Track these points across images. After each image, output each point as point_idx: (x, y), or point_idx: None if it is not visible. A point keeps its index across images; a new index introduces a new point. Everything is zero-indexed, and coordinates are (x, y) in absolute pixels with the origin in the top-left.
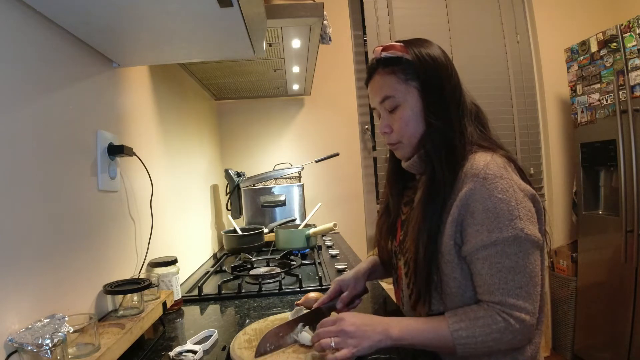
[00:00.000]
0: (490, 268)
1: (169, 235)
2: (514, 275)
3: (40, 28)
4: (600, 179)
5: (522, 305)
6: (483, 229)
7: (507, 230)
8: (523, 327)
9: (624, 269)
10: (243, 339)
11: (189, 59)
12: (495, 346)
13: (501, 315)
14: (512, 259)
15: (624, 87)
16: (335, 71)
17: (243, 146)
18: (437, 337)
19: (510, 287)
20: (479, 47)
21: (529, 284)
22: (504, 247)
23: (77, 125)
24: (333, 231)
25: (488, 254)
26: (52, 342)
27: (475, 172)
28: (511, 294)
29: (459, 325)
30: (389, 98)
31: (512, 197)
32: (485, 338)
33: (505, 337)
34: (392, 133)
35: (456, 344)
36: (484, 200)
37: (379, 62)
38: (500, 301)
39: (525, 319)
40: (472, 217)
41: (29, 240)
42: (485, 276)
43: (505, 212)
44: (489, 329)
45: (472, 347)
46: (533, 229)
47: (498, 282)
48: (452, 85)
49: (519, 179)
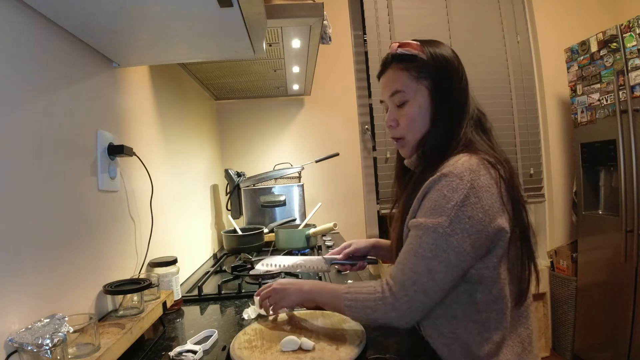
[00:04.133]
0: (406, 246)
1: (169, 235)
2: (415, 259)
3: (40, 28)
4: (600, 179)
5: (407, 286)
6: (420, 214)
7: (433, 220)
8: (398, 305)
9: (624, 269)
10: (243, 339)
11: (189, 59)
12: (372, 315)
13: (384, 286)
14: (423, 246)
15: (624, 87)
16: (335, 71)
17: (243, 146)
18: (333, 296)
19: (407, 267)
20: (479, 47)
21: (423, 274)
22: (422, 233)
23: (77, 125)
24: (333, 231)
25: (411, 234)
26: (52, 342)
27: (442, 167)
28: (403, 272)
29: (350, 289)
30: (399, 92)
31: (457, 198)
32: (363, 304)
33: (379, 307)
34: (397, 127)
35: (343, 305)
36: (434, 192)
37: (393, 57)
38: (393, 275)
39: (402, 298)
40: (421, 205)
41: (29, 240)
42: (401, 251)
43: (441, 207)
44: (368, 296)
45: (354, 311)
46: (460, 235)
47: (402, 259)
48: (459, 90)
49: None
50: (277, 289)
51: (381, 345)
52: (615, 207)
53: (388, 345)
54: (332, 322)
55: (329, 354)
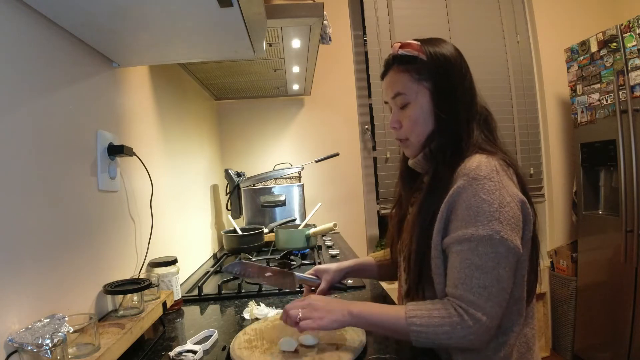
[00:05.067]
0: (460, 263)
1: (169, 235)
2: (480, 274)
3: (40, 28)
4: (600, 179)
5: (481, 304)
6: (462, 225)
7: (484, 229)
8: (478, 327)
9: (624, 269)
10: (243, 339)
11: (189, 59)
12: (447, 340)
13: (457, 310)
14: (483, 258)
15: (624, 87)
16: (335, 71)
17: (243, 146)
18: (393, 320)
19: (474, 284)
20: (479, 47)
21: (493, 286)
22: (477, 245)
23: (77, 125)
24: (333, 231)
25: (461, 249)
26: (52, 342)
27: (467, 171)
28: (473, 292)
29: (415, 312)
30: (401, 95)
31: (496, 199)
32: (436, 329)
33: (456, 332)
34: (400, 129)
35: (409, 330)
36: (468, 198)
37: (395, 58)
38: (461, 296)
39: (482, 319)
40: (455, 214)
41: (29, 240)
42: (454, 270)
43: (485, 212)
44: (442, 320)
45: (423, 336)
46: (511, 235)
47: (463, 278)
48: (464, 89)
49: (512, 184)
50: (316, 305)
51: (381, 345)
52: (615, 207)
53: (388, 345)
54: None
55: (329, 354)
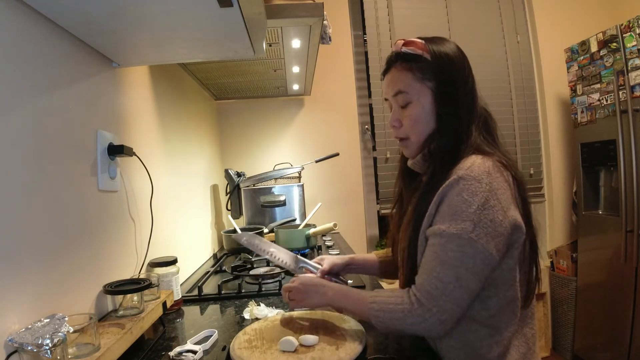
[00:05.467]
0: (428, 255)
1: (169, 235)
2: (441, 269)
3: (40, 28)
4: (600, 179)
5: (435, 296)
6: (439, 220)
7: (455, 227)
8: (428, 317)
9: (624, 269)
10: (243, 339)
11: (189, 59)
12: (400, 326)
13: (411, 297)
14: (448, 254)
15: (624, 87)
16: (335, 71)
17: (243, 146)
18: (358, 304)
19: (433, 277)
20: (479, 47)
21: (451, 283)
22: (446, 241)
23: (77, 125)
24: (333, 231)
25: (433, 243)
26: (52, 342)
27: (457, 170)
28: (430, 283)
29: (375, 298)
30: (402, 93)
31: (478, 201)
32: (391, 315)
33: (407, 319)
34: (400, 128)
35: (370, 314)
36: (452, 196)
37: (398, 56)
38: (420, 285)
39: (431, 309)
40: (439, 210)
41: (29, 240)
42: (424, 260)
43: (462, 212)
44: (395, 307)
45: (381, 320)
46: (484, 239)
47: (427, 269)
48: (466, 90)
49: (505, 187)
50: (299, 288)
51: (381, 345)
52: (615, 207)
53: (388, 345)
54: (333, 322)
55: (329, 354)
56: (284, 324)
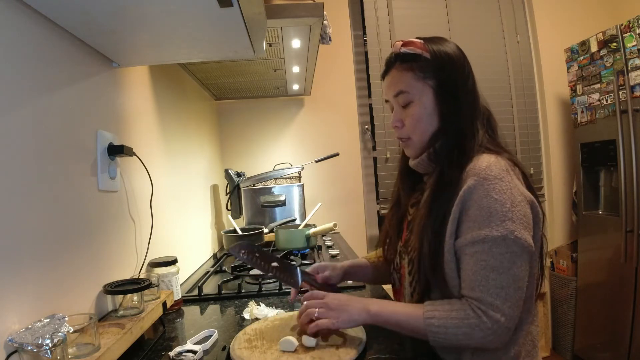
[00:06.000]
0: (475, 264)
1: (169, 235)
2: (496, 275)
3: (40, 28)
4: (600, 179)
5: (499, 305)
6: (474, 226)
7: (497, 229)
8: (496, 328)
9: (624, 269)
10: (243, 339)
11: (189, 59)
12: (465, 341)
13: (476, 311)
14: (498, 258)
15: (624, 87)
16: (335, 71)
17: (243, 146)
18: (411, 320)
19: (491, 285)
20: (479, 47)
21: (510, 286)
22: (491, 246)
23: (77, 125)
24: (333, 231)
25: (475, 251)
26: (52, 342)
27: (477, 171)
28: (490, 293)
29: (433, 313)
30: (403, 93)
31: (508, 199)
32: (455, 330)
33: (475, 333)
34: (402, 128)
35: (427, 330)
36: (480, 199)
37: (397, 56)
38: (478, 297)
39: (500, 320)
40: (467, 214)
41: (29, 240)
42: (469, 272)
43: (498, 213)
44: (460, 322)
45: (442, 337)
46: (524, 234)
47: (480, 279)
48: (467, 88)
49: (520, 183)
50: (332, 305)
51: (381, 346)
52: (615, 207)
53: (388, 345)
54: None
55: (329, 354)
56: (284, 324)
